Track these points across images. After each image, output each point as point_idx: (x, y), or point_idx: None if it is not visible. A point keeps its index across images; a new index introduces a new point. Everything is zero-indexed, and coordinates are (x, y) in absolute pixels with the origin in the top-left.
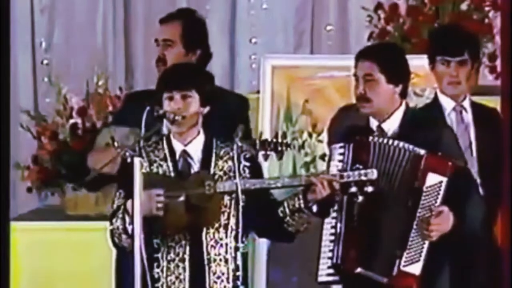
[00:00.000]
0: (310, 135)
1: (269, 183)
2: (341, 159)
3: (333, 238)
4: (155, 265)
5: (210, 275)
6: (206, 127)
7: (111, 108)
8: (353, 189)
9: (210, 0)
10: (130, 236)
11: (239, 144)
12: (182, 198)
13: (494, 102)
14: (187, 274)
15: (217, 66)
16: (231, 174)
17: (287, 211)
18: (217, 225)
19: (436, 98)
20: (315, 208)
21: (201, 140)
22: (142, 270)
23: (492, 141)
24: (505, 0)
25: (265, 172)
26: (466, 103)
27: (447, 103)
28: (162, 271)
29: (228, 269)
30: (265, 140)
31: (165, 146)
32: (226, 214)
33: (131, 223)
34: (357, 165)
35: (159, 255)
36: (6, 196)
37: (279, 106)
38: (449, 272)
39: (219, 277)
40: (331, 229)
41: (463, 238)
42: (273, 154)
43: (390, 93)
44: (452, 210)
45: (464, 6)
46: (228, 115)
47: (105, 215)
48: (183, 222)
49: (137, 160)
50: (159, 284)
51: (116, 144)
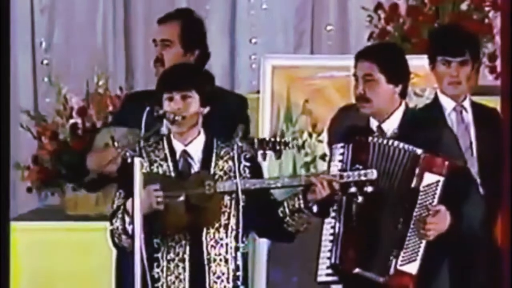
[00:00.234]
0: (310, 135)
1: (269, 183)
2: (340, 159)
3: (332, 238)
4: (155, 265)
5: (210, 275)
6: (206, 127)
7: (111, 108)
8: (352, 189)
9: (210, 0)
10: (130, 237)
11: (239, 144)
12: (182, 198)
13: (494, 102)
14: (187, 274)
15: (217, 66)
16: (231, 174)
17: (287, 211)
18: (217, 225)
19: (436, 98)
20: (315, 208)
21: (201, 140)
22: (142, 270)
23: (492, 141)
24: (505, 0)
25: (265, 172)
26: (466, 103)
27: (447, 103)
28: (162, 271)
29: (228, 269)
30: (263, 139)
31: (166, 146)
32: (226, 214)
33: (131, 223)
34: (357, 165)
35: (159, 255)
36: (6, 196)
37: (279, 106)
38: (448, 272)
39: (219, 277)
40: (331, 229)
41: (461, 238)
42: (271, 153)
43: (390, 93)
44: (449, 210)
45: (464, 6)
46: (228, 115)
47: (105, 215)
48: (183, 222)
49: (137, 160)
50: (159, 284)
51: (116, 144)
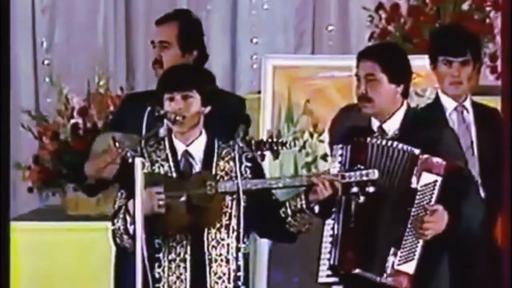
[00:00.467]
0: (311, 135)
1: (270, 183)
2: (340, 160)
3: (331, 240)
4: (156, 265)
5: (211, 275)
6: (207, 128)
7: (112, 108)
8: (354, 189)
9: (211, 0)
10: (132, 237)
11: (241, 144)
12: (183, 198)
13: (495, 102)
14: (188, 274)
15: (218, 66)
16: (233, 174)
17: (289, 211)
18: (218, 225)
19: (437, 98)
20: (317, 209)
21: (203, 140)
22: (143, 270)
23: (493, 141)
24: (506, 0)
25: (266, 173)
26: (467, 103)
27: (448, 103)
28: (163, 271)
29: (229, 269)
30: (260, 140)
31: (167, 146)
32: (227, 214)
33: (132, 223)
34: (358, 166)
35: (161, 255)
36: (6, 196)
37: (280, 106)
38: (449, 273)
39: (220, 278)
40: (330, 230)
41: (460, 238)
42: (269, 154)
43: (392, 93)
44: (447, 209)
45: (465, 6)
46: (229, 115)
47: (106, 215)
48: (184, 222)
49: (138, 161)
50: (160, 284)
51: (117, 144)
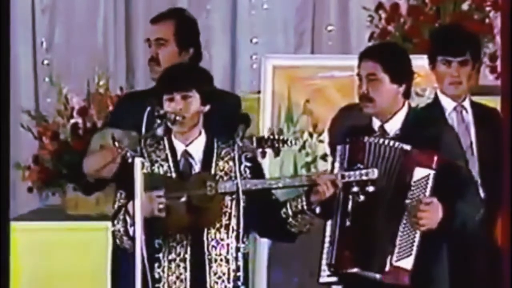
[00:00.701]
0: (311, 135)
1: (270, 183)
2: (338, 160)
3: (330, 239)
4: (156, 265)
5: (211, 275)
6: (207, 127)
7: (111, 108)
8: (355, 188)
9: (211, 0)
10: (132, 239)
11: (240, 144)
12: (183, 199)
13: (494, 102)
14: (188, 274)
15: (218, 66)
16: (232, 174)
17: (290, 212)
18: (218, 225)
19: (436, 98)
20: (317, 210)
21: (202, 140)
22: (142, 271)
23: (493, 141)
24: (506, 0)
25: (266, 173)
26: (467, 103)
27: (447, 103)
28: (163, 271)
29: (229, 269)
30: (261, 137)
31: (167, 146)
32: (227, 214)
33: (132, 225)
34: (358, 165)
35: (160, 255)
36: (6, 196)
37: (280, 106)
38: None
39: (220, 277)
40: (329, 229)
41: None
42: (269, 151)
43: (394, 93)
44: (442, 202)
45: (465, 6)
46: (227, 115)
47: (106, 215)
48: (184, 222)
49: (138, 161)
50: (160, 284)
51: (116, 144)
